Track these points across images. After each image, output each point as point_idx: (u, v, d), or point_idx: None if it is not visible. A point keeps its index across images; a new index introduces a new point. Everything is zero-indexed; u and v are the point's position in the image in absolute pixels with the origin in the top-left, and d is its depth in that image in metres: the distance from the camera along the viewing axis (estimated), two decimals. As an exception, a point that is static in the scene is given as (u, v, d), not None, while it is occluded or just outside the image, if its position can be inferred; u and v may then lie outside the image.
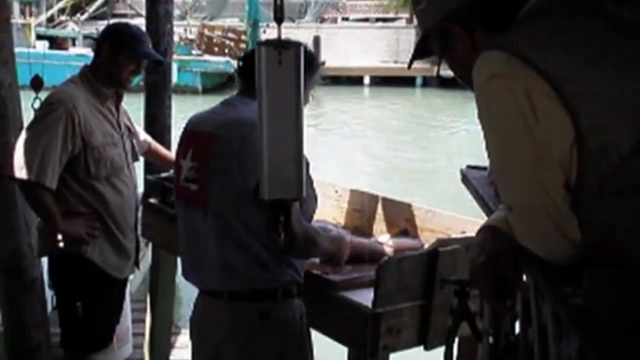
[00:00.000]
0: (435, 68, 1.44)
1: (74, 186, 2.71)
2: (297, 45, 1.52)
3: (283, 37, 1.57)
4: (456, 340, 1.87)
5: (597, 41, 1.15)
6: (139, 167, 3.41)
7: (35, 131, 2.66)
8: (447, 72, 1.44)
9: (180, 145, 2.22)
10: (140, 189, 3.17)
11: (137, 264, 3.01)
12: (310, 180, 2.04)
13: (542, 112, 1.12)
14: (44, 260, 3.27)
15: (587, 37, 1.16)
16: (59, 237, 2.75)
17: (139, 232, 3.05)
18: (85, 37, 20.17)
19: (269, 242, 2.01)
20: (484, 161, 1.29)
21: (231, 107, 2.14)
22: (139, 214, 3.05)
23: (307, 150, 1.99)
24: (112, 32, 2.85)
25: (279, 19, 1.52)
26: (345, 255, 2.27)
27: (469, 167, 2.66)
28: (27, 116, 3.42)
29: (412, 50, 1.43)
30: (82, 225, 2.72)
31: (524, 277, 1.35)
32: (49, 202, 2.65)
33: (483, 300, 1.57)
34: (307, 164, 2.02)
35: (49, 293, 3.60)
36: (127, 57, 2.76)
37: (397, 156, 12.36)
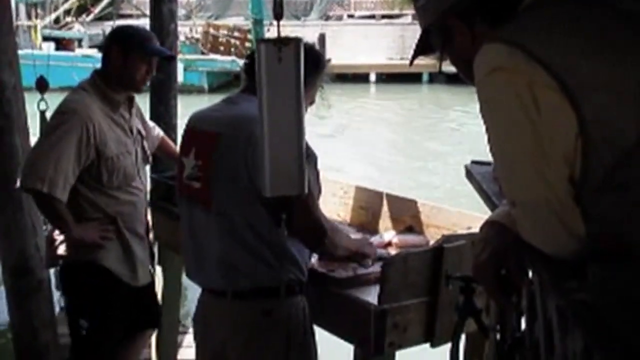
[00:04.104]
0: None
1: (88, 194, 2.69)
2: (296, 41, 1.51)
3: (289, 35, 1.56)
4: (463, 336, 1.86)
5: (599, 32, 1.14)
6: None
7: (49, 141, 2.62)
8: (451, 67, 1.43)
9: (182, 143, 2.21)
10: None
11: (151, 271, 2.95)
12: (316, 174, 2.04)
13: (545, 105, 1.11)
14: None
15: (589, 27, 1.15)
16: (62, 246, 2.73)
17: (151, 236, 3.03)
18: (92, 46, 20.16)
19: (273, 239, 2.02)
20: (489, 156, 1.28)
21: (233, 105, 2.13)
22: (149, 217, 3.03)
23: (312, 147, 1.99)
24: (118, 35, 2.79)
25: (278, 15, 1.51)
26: (371, 254, 2.25)
27: (473, 162, 2.64)
28: (32, 117, 3.44)
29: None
30: (95, 230, 2.69)
31: (529, 273, 1.34)
32: (63, 210, 2.63)
33: (489, 297, 1.56)
34: (315, 159, 2.01)
35: (56, 294, 3.61)
36: (138, 58, 2.70)
37: (404, 152, 12.32)
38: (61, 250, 2.74)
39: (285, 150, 1.51)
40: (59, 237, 2.76)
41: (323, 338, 2.24)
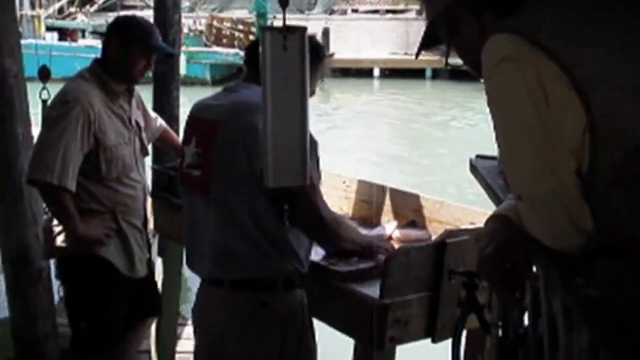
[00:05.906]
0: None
1: (86, 184, 2.65)
2: (302, 30, 1.49)
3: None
4: (464, 332, 1.84)
5: (610, 23, 1.12)
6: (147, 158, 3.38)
7: (54, 131, 2.58)
8: (456, 61, 1.40)
9: (185, 132, 2.22)
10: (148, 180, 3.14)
11: (149, 262, 2.91)
12: (316, 160, 2.02)
13: (554, 97, 1.09)
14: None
15: (598, 19, 1.13)
16: (60, 237, 2.70)
17: (151, 227, 3.01)
18: (93, 32, 20.11)
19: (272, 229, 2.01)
20: (494, 152, 1.26)
21: (233, 93, 2.12)
22: (148, 209, 3.00)
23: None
24: (119, 26, 2.75)
25: (283, 3, 1.49)
26: (382, 250, 2.23)
27: (478, 156, 2.63)
28: (34, 107, 3.42)
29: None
30: (99, 227, 2.66)
31: (534, 268, 1.33)
32: (70, 205, 2.59)
33: (492, 292, 1.54)
34: (316, 145, 1.99)
35: (56, 283, 3.59)
36: (138, 52, 2.66)
37: (407, 148, 12.30)
38: (59, 241, 2.72)
39: (289, 139, 1.49)
40: (56, 228, 2.74)
41: (324, 332, 2.23)
